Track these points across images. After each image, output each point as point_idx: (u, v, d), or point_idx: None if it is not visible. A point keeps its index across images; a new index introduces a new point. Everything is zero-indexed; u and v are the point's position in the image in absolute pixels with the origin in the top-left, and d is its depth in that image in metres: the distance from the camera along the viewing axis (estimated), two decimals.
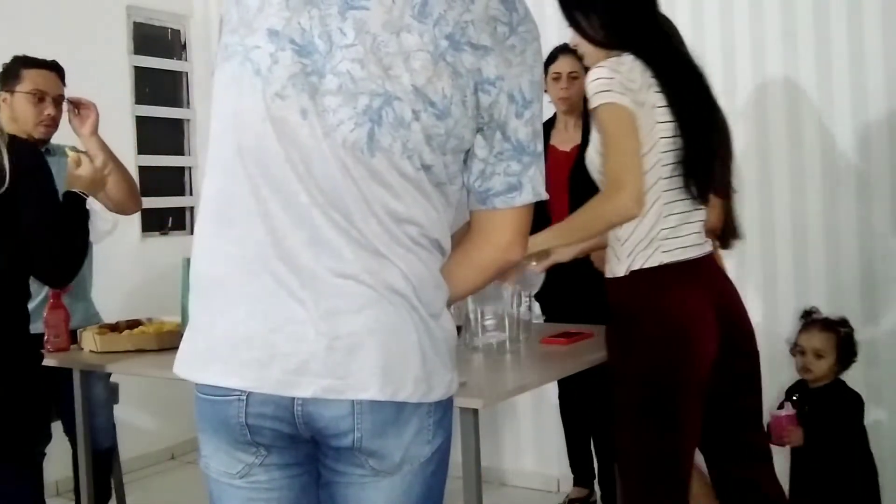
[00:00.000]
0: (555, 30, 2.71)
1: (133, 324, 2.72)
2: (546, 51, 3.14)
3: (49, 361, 2.71)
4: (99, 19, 4.15)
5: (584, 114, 3.16)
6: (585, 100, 3.08)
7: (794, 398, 2.78)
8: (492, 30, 1.25)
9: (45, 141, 3.01)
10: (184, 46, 4.70)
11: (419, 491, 1.31)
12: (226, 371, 1.26)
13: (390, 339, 1.24)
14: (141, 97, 4.44)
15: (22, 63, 2.98)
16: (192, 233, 4.82)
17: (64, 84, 3.03)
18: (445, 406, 1.32)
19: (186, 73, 4.70)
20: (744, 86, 3.24)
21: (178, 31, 4.68)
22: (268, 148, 1.24)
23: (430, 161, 1.25)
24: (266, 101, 1.23)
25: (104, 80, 4.12)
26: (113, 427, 3.11)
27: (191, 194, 4.72)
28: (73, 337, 2.72)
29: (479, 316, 2.32)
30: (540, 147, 1.32)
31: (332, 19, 1.23)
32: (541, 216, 2.52)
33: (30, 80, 2.95)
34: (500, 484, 3.75)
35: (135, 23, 4.42)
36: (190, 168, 4.72)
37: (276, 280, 1.23)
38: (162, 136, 4.58)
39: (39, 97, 2.94)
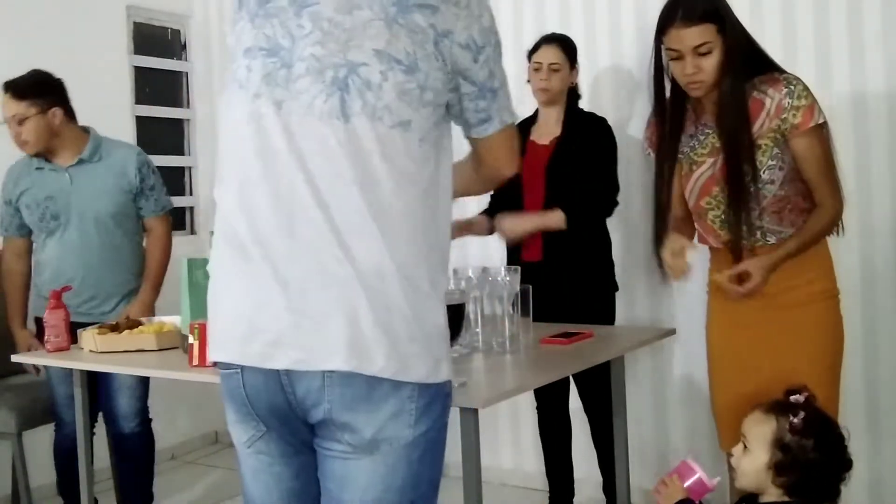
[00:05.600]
0: (532, 26, 2.74)
1: (133, 324, 2.71)
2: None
3: (49, 361, 2.72)
4: (99, 19, 4.15)
5: (567, 107, 3.13)
6: (570, 93, 3.09)
7: None
8: None
9: (49, 153, 3.16)
10: (184, 46, 4.70)
11: (404, 475, 1.39)
12: (222, 347, 1.42)
13: (358, 316, 1.33)
14: (141, 97, 4.44)
15: None
16: (192, 232, 4.83)
17: (21, 98, 3.08)
18: (434, 394, 1.40)
19: (186, 73, 4.70)
20: None
21: (178, 31, 4.68)
22: (255, 144, 1.38)
23: (407, 116, 1.36)
24: (247, 105, 1.39)
25: (104, 80, 4.12)
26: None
27: (190, 194, 4.72)
28: (74, 337, 2.73)
29: (479, 316, 2.32)
30: (497, 82, 1.47)
31: (290, 21, 1.39)
32: (516, 206, 3.04)
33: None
34: (500, 484, 3.75)
35: (135, 23, 4.41)
36: (190, 168, 4.72)
37: (261, 261, 1.36)
38: (162, 136, 4.58)
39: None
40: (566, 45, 3.11)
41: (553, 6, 3.63)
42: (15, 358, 2.76)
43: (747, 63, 2.23)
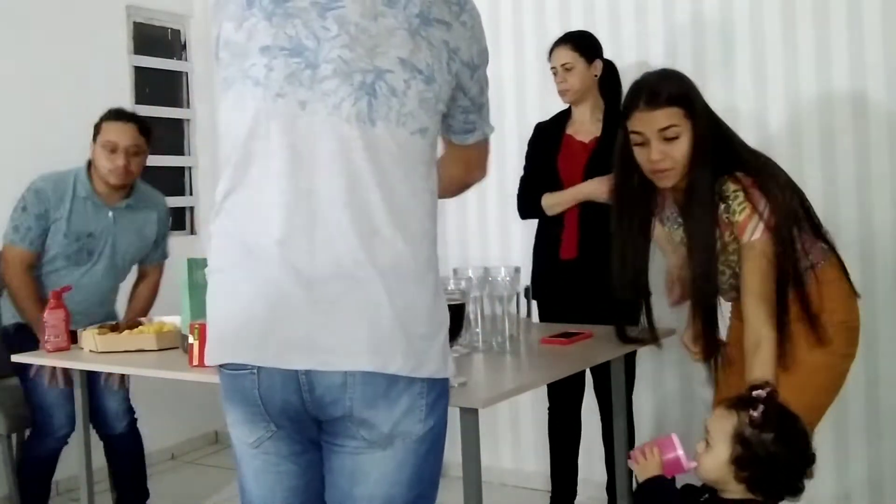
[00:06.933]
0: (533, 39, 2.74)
1: (133, 324, 2.72)
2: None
3: (49, 361, 2.72)
4: (99, 19, 4.15)
5: (608, 106, 3.13)
6: (604, 89, 3.10)
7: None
8: (448, 9, 1.45)
9: (123, 188, 3.19)
10: (184, 46, 4.70)
11: (412, 469, 1.43)
12: (235, 347, 1.41)
13: (380, 316, 1.36)
14: (141, 97, 4.44)
15: (104, 116, 3.19)
16: (192, 233, 4.82)
17: (145, 133, 3.18)
18: (439, 392, 1.44)
19: (186, 73, 4.70)
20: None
21: (178, 31, 4.68)
22: (275, 143, 1.38)
23: (426, 123, 1.41)
24: (268, 103, 1.38)
25: (104, 80, 4.12)
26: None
27: (190, 194, 4.72)
28: (74, 337, 2.72)
29: (479, 316, 2.32)
30: (484, 97, 1.58)
31: (314, 22, 1.39)
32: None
33: (105, 132, 3.14)
34: (500, 484, 3.75)
35: (135, 23, 4.41)
36: (190, 168, 4.72)
37: (277, 261, 1.36)
38: (162, 136, 4.57)
39: (111, 148, 3.11)
40: (577, 42, 3.09)
41: (553, 7, 3.63)
42: (15, 358, 2.76)
43: (719, 155, 2.04)
